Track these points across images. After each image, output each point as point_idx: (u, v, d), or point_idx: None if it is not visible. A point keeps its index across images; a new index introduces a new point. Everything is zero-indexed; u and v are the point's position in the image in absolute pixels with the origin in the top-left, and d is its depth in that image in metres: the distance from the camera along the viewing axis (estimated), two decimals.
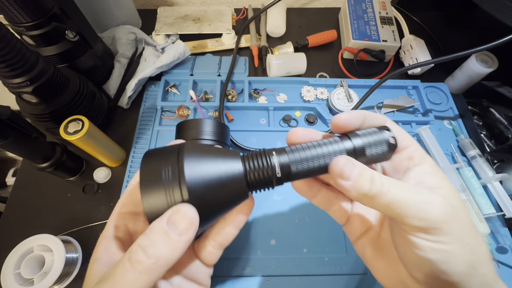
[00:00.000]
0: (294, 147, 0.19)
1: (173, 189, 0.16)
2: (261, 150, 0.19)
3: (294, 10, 0.63)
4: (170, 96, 0.49)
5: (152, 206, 0.16)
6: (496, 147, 0.43)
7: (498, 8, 0.35)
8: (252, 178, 0.18)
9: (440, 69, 0.53)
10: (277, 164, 0.18)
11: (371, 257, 0.21)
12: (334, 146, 0.18)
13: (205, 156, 0.18)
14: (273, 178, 0.18)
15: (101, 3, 0.49)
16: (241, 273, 0.35)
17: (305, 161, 0.18)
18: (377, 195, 0.16)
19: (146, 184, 0.16)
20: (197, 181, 0.17)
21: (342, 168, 0.17)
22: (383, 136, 0.19)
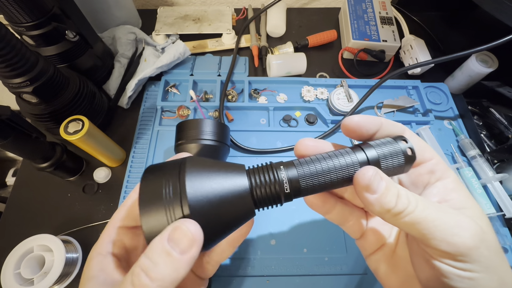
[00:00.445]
0: (303, 160, 0.17)
1: (174, 207, 0.15)
2: (268, 163, 0.18)
3: (294, 10, 0.63)
4: (170, 96, 0.49)
5: (151, 225, 0.15)
6: (496, 147, 0.43)
7: (498, 8, 0.35)
8: (258, 195, 0.17)
9: (440, 69, 0.53)
10: (285, 179, 0.17)
11: (385, 273, 0.20)
12: (347, 159, 0.17)
13: (208, 172, 0.17)
14: (281, 194, 0.17)
15: (101, 3, 0.49)
16: (241, 273, 0.35)
17: (316, 175, 0.17)
18: (403, 212, 0.15)
19: (145, 202, 0.15)
20: (200, 198, 0.15)
21: (370, 180, 0.16)
22: (400, 147, 0.17)
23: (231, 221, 0.17)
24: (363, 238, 0.22)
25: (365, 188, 0.16)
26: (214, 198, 0.16)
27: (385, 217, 0.16)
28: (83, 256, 0.36)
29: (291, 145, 0.43)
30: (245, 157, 0.43)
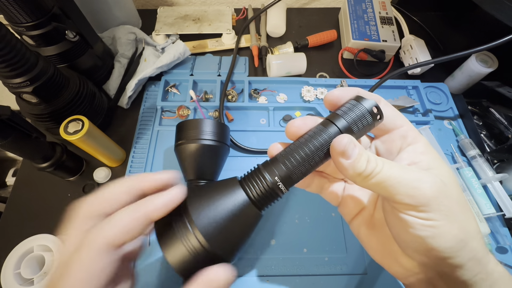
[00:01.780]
0: (284, 153, 0.19)
1: (188, 236, 0.17)
2: (255, 168, 0.19)
3: (294, 10, 0.63)
4: (170, 96, 0.49)
5: (175, 257, 0.17)
6: (496, 147, 0.43)
7: (498, 8, 0.35)
8: (258, 199, 0.18)
9: (440, 69, 0.53)
10: (277, 178, 0.18)
11: (366, 236, 0.22)
12: (322, 137, 0.18)
13: (206, 197, 0.18)
14: (277, 190, 0.18)
15: (101, 3, 0.49)
16: (241, 273, 0.35)
17: (300, 164, 0.18)
18: (371, 174, 0.17)
19: (164, 242, 0.17)
20: (207, 222, 0.17)
21: (345, 146, 0.17)
22: (365, 108, 0.18)
23: (243, 231, 0.19)
24: (343, 204, 0.24)
25: (340, 154, 0.17)
26: (220, 217, 0.18)
27: (357, 180, 0.18)
28: None
29: None
30: (245, 157, 0.43)
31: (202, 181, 0.35)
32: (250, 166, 0.20)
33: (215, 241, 0.17)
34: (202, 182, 0.35)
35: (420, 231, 0.17)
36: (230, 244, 0.18)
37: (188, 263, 0.17)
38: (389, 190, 0.17)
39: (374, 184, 0.17)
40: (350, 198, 0.23)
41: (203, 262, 0.17)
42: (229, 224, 0.18)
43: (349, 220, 0.24)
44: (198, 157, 0.35)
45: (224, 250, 0.18)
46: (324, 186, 0.23)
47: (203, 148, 0.35)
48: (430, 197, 0.16)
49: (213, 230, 0.17)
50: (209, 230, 0.17)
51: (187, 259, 0.17)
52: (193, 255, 0.17)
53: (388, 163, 0.17)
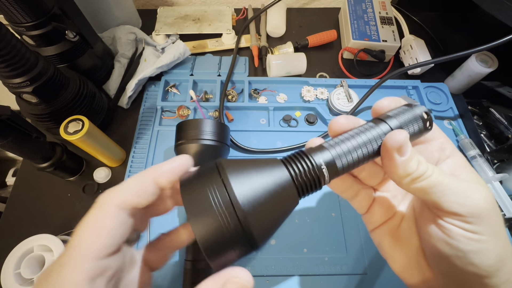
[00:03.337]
0: (333, 142, 0.18)
1: (227, 215, 0.15)
2: (300, 151, 0.18)
3: (294, 10, 0.63)
4: (170, 96, 0.49)
5: (208, 239, 0.15)
6: (496, 147, 0.43)
7: (498, 8, 0.35)
8: (301, 183, 0.17)
9: (440, 69, 0.53)
10: (322, 162, 0.17)
11: (389, 246, 0.21)
12: (373, 132, 0.17)
13: (247, 171, 0.16)
14: (321, 178, 0.17)
15: (101, 3, 0.49)
16: None
17: (348, 153, 0.17)
18: (421, 177, 0.16)
19: (195, 215, 0.15)
20: (250, 200, 0.15)
21: (403, 141, 0.16)
22: (416, 112, 0.18)
23: (280, 215, 0.17)
24: (370, 212, 0.22)
25: (397, 150, 0.16)
26: (262, 195, 0.16)
27: (404, 181, 0.17)
28: None
29: (291, 145, 0.43)
30: (245, 157, 0.43)
31: None
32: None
33: (253, 213, 0.15)
34: None
35: (463, 244, 0.16)
36: (266, 229, 0.16)
37: (215, 233, 0.15)
38: (437, 195, 0.16)
39: (421, 187, 0.16)
40: (378, 207, 0.22)
41: (233, 234, 0.15)
42: (269, 201, 0.16)
43: (371, 229, 0.23)
44: (198, 157, 0.35)
45: (259, 227, 0.15)
46: (358, 193, 0.22)
47: (203, 148, 0.35)
48: (482, 208, 0.15)
49: (253, 201, 0.15)
50: (248, 199, 0.15)
51: (215, 226, 0.15)
52: (223, 220, 0.15)
53: (438, 169, 0.17)
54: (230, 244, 0.15)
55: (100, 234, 0.15)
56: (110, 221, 0.15)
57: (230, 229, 0.15)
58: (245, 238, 0.15)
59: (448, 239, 0.16)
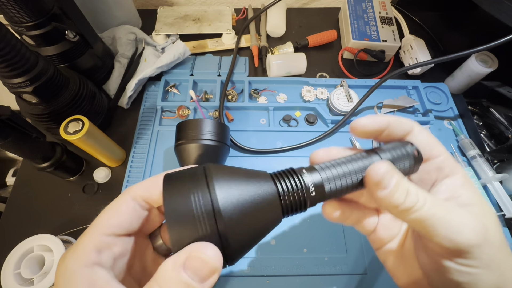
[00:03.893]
0: (324, 165, 0.18)
1: (206, 221, 0.14)
2: (290, 169, 0.18)
3: (294, 10, 0.63)
4: (170, 96, 0.49)
5: (182, 242, 0.14)
6: (496, 147, 0.43)
7: (498, 8, 0.35)
8: (287, 201, 0.16)
9: (440, 69, 0.53)
10: (310, 183, 0.17)
11: (393, 265, 0.21)
12: (365, 162, 0.17)
13: (234, 179, 0.16)
14: (307, 199, 0.17)
15: (101, 3, 0.49)
16: (241, 273, 0.35)
17: (338, 178, 0.17)
18: (411, 209, 0.16)
19: (173, 216, 0.14)
20: (232, 209, 0.15)
21: (382, 176, 0.16)
22: (407, 150, 0.18)
23: (260, 231, 0.16)
24: (374, 233, 0.22)
25: (376, 184, 0.16)
26: (245, 207, 0.15)
27: (393, 212, 0.17)
28: None
29: (291, 145, 0.43)
30: (245, 157, 0.43)
31: None
32: (250, 166, 0.19)
33: (233, 226, 0.14)
34: None
35: (456, 276, 0.16)
36: (243, 243, 0.15)
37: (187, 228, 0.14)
38: (428, 229, 0.16)
39: (412, 220, 0.16)
40: (382, 228, 0.22)
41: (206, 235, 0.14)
42: (251, 220, 0.15)
43: (376, 248, 0.23)
44: (198, 157, 0.35)
45: (236, 241, 0.15)
46: (360, 219, 0.22)
47: (203, 148, 0.35)
48: (473, 244, 0.15)
49: (235, 222, 0.14)
50: (232, 210, 0.14)
51: (191, 233, 0.14)
52: (202, 229, 0.14)
53: (430, 198, 0.16)
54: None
55: (111, 215, 0.17)
56: (122, 206, 0.17)
57: (206, 239, 0.14)
58: (227, 257, 0.15)
59: (441, 270, 0.17)
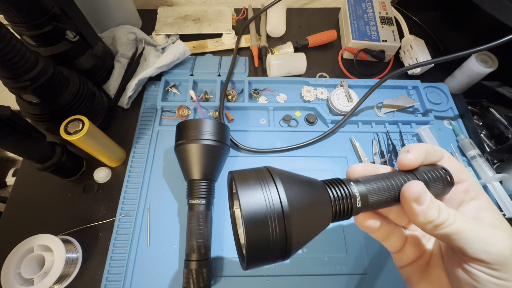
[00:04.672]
0: (367, 178, 0.19)
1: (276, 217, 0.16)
2: (338, 179, 0.19)
3: (294, 10, 0.63)
4: (170, 96, 0.49)
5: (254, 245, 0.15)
6: (496, 147, 0.43)
7: (498, 8, 0.35)
8: (337, 208, 0.18)
9: (440, 69, 0.53)
10: (357, 194, 0.18)
11: (418, 282, 0.22)
12: (404, 179, 0.19)
13: (297, 181, 0.18)
14: (353, 209, 0.18)
15: (101, 3, 0.49)
16: (241, 273, 0.35)
17: (380, 192, 0.18)
18: (444, 224, 0.17)
19: (250, 212, 0.16)
20: (296, 209, 0.16)
21: (419, 192, 0.18)
22: (441, 174, 0.20)
23: (313, 232, 0.18)
24: (401, 252, 0.23)
25: (414, 199, 0.18)
26: (305, 209, 0.17)
27: (427, 227, 0.18)
28: (83, 256, 0.36)
29: (291, 145, 0.43)
30: (245, 157, 0.43)
31: (203, 181, 0.35)
32: (250, 166, 0.19)
33: (298, 231, 0.16)
34: (203, 182, 0.35)
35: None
36: (302, 239, 0.17)
37: (262, 243, 0.15)
38: (461, 242, 0.17)
39: (444, 234, 0.17)
40: (409, 246, 0.23)
41: (277, 246, 0.16)
42: (309, 220, 0.17)
43: (401, 266, 0.23)
44: (198, 157, 0.35)
45: (297, 242, 0.16)
46: (389, 234, 0.23)
47: (203, 148, 0.35)
48: (507, 256, 0.16)
49: (297, 210, 0.16)
50: (294, 206, 0.16)
51: (260, 208, 0.15)
52: (273, 232, 0.15)
53: (459, 215, 0.18)
54: (271, 254, 0.16)
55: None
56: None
57: (276, 242, 0.16)
58: (285, 251, 0.16)
59: (475, 284, 0.17)
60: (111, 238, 0.37)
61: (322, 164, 0.43)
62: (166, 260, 0.36)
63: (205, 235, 0.34)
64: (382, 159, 0.43)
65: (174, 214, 0.39)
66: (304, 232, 0.17)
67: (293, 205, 0.16)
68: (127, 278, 0.35)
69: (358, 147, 0.44)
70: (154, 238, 0.37)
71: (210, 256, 0.34)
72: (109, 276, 0.35)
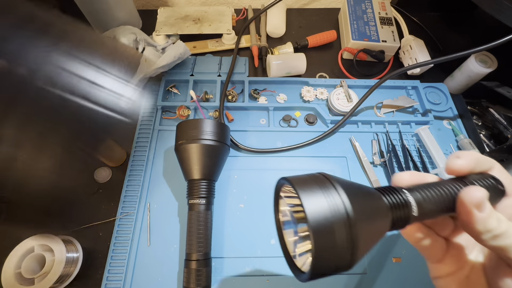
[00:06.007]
0: (418, 186, 0.18)
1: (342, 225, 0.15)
2: (391, 186, 0.19)
3: (294, 11, 0.63)
4: (171, 96, 0.49)
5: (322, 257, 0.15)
6: (495, 147, 0.43)
7: (497, 8, 0.35)
8: (394, 215, 0.17)
9: (440, 69, 0.53)
10: (413, 202, 0.17)
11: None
12: (457, 188, 0.18)
13: (356, 188, 0.17)
14: (410, 216, 0.17)
15: (101, 3, 0.49)
16: (241, 273, 0.36)
17: (435, 200, 0.18)
18: (503, 235, 0.17)
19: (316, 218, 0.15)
20: (360, 218, 0.16)
21: (481, 198, 0.17)
22: (492, 183, 0.19)
23: (372, 242, 0.17)
24: (441, 262, 0.22)
25: (475, 205, 0.17)
26: (367, 218, 0.16)
27: (483, 236, 0.17)
28: (84, 255, 0.36)
29: (291, 145, 0.43)
30: (245, 157, 0.43)
31: (203, 181, 0.35)
32: (250, 166, 0.19)
33: (358, 220, 0.15)
34: (203, 182, 0.35)
35: None
36: (364, 251, 0.16)
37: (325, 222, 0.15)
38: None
39: (501, 245, 0.17)
40: (450, 257, 0.22)
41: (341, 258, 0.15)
42: (370, 220, 0.16)
43: (437, 276, 0.22)
44: (198, 157, 0.35)
45: (360, 254, 0.16)
46: (432, 245, 0.22)
47: (203, 148, 0.35)
48: None
49: (360, 210, 0.15)
50: (356, 205, 0.15)
51: (325, 216, 0.15)
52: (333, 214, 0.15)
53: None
54: (336, 264, 0.16)
55: None
56: None
57: (342, 252, 0.15)
58: (350, 261, 0.16)
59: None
60: (112, 238, 0.37)
61: (322, 164, 0.43)
62: (166, 260, 0.36)
63: (205, 235, 0.34)
64: (382, 159, 0.43)
65: (174, 214, 0.39)
66: (367, 241, 0.16)
67: (357, 212, 0.15)
68: (128, 278, 0.35)
69: (357, 147, 0.44)
70: (155, 238, 0.37)
71: (210, 256, 0.34)
72: (109, 276, 0.35)
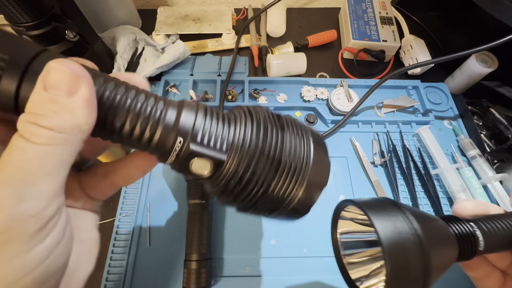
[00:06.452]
0: (483, 218, 0.18)
1: (416, 252, 0.15)
2: (455, 217, 0.19)
3: (294, 10, 0.63)
4: (170, 96, 0.49)
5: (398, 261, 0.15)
6: (496, 147, 0.43)
7: (497, 8, 0.35)
8: (461, 247, 0.17)
9: (440, 69, 0.53)
10: (480, 236, 0.17)
11: None
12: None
13: (421, 213, 0.17)
14: (476, 249, 0.17)
15: (101, 3, 0.49)
16: (241, 273, 0.35)
17: (501, 234, 0.18)
18: None
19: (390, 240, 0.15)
20: (432, 247, 0.15)
21: None
22: None
23: (442, 268, 0.17)
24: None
25: None
26: (437, 242, 0.16)
27: None
28: None
29: None
30: None
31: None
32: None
33: (430, 248, 0.15)
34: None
35: None
36: (435, 267, 0.16)
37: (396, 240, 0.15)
38: None
39: None
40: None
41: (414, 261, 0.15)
42: (440, 248, 0.16)
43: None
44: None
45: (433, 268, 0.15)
46: (488, 275, 0.21)
47: None
48: None
49: (431, 238, 0.15)
50: (427, 232, 0.15)
51: (399, 242, 0.15)
52: (406, 240, 0.15)
53: None
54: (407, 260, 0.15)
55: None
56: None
57: (415, 280, 0.15)
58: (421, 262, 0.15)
59: None
60: (111, 238, 0.37)
61: None
62: (166, 260, 0.36)
63: (205, 235, 0.34)
64: (382, 159, 0.43)
65: (174, 214, 0.39)
66: (437, 269, 0.16)
67: (429, 240, 0.15)
68: (127, 278, 0.35)
69: (358, 147, 0.44)
70: (154, 238, 0.37)
71: (210, 256, 0.34)
72: (109, 276, 0.35)
